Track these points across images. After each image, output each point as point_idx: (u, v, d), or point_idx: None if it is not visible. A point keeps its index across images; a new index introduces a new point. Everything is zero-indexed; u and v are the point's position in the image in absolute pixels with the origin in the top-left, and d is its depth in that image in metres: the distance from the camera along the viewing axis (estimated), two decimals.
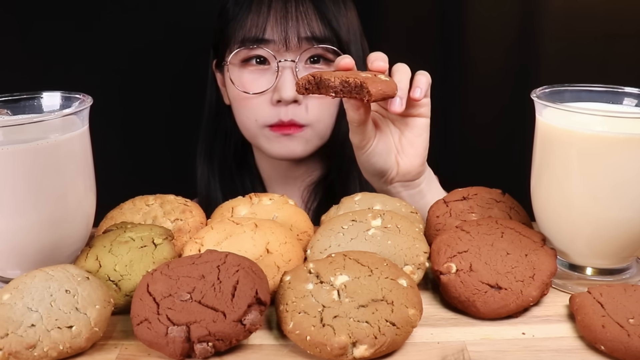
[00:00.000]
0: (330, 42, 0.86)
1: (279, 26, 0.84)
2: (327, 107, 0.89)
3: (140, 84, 1.18)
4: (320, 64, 0.88)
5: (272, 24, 0.85)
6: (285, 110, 0.86)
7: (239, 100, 0.89)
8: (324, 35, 0.86)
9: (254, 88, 0.87)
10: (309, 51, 0.86)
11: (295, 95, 0.85)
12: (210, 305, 0.46)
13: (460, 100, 1.26)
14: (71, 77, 1.13)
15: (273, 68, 0.86)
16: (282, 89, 0.85)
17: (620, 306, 0.49)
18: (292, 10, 0.85)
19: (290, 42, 0.84)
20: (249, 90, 0.87)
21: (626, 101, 0.59)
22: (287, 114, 0.86)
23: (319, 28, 0.86)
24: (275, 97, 0.86)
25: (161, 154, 1.24)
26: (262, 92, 0.86)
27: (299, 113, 0.87)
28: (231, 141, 0.99)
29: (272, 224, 0.60)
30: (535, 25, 1.20)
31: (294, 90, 0.84)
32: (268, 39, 0.85)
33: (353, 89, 0.61)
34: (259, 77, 0.87)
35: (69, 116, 0.56)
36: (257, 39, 0.85)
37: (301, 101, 0.86)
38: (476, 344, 0.49)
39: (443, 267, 0.54)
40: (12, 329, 0.46)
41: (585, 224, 0.55)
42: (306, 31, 0.85)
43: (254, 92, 0.87)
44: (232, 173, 1.00)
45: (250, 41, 0.85)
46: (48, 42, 1.15)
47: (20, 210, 0.54)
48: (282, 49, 0.85)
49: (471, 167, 1.26)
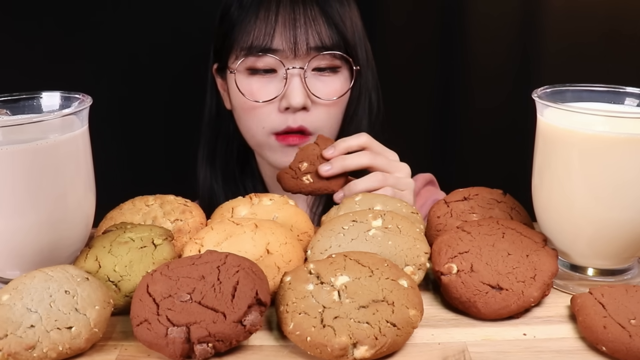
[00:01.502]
0: (338, 48, 0.86)
1: (287, 34, 0.83)
2: (334, 113, 0.89)
3: (140, 83, 1.18)
4: (328, 72, 0.87)
5: (280, 32, 0.84)
6: (293, 117, 0.86)
7: (245, 108, 0.88)
8: (332, 42, 0.85)
9: (262, 96, 0.86)
10: (316, 59, 0.85)
11: (304, 102, 0.84)
12: (210, 306, 0.46)
13: (461, 101, 1.26)
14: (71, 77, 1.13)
15: (281, 75, 0.85)
16: (291, 96, 0.84)
17: (622, 307, 0.49)
18: (300, 17, 0.84)
19: (299, 51, 0.84)
20: (257, 99, 0.86)
21: (628, 101, 0.59)
22: (295, 121, 0.85)
23: (327, 34, 0.85)
24: (283, 104, 0.85)
25: (161, 154, 1.24)
26: (270, 100, 0.86)
27: (308, 119, 0.86)
28: (233, 145, 0.98)
29: (273, 224, 0.59)
30: (537, 24, 1.20)
31: (303, 97, 0.84)
32: (276, 48, 0.84)
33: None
34: (266, 85, 0.86)
35: (68, 116, 0.56)
36: (265, 47, 0.84)
37: (310, 108, 0.86)
38: (477, 344, 0.48)
39: (444, 267, 0.54)
40: (12, 329, 0.46)
41: (586, 224, 0.55)
42: (315, 39, 0.84)
43: (262, 100, 0.86)
44: (235, 177, 0.99)
45: (258, 49, 0.84)
46: (48, 42, 1.15)
47: (19, 210, 0.53)
48: (290, 57, 0.84)
49: (472, 167, 1.26)
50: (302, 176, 0.73)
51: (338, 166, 0.72)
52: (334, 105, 0.88)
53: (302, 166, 0.73)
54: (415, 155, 1.26)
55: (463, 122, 1.27)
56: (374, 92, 0.94)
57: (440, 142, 1.29)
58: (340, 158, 0.73)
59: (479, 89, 1.24)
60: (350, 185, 0.73)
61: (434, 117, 1.28)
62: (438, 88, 1.26)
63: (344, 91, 0.88)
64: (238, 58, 0.86)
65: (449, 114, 1.27)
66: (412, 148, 1.24)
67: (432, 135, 1.29)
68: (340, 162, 0.72)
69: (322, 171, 0.72)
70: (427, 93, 1.26)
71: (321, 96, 0.86)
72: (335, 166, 0.72)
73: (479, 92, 1.24)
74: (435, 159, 1.28)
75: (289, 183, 0.73)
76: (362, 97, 0.92)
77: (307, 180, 0.72)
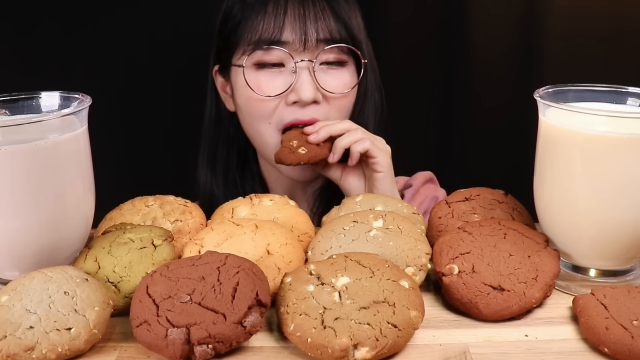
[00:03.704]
0: (345, 41, 0.86)
1: (297, 26, 0.84)
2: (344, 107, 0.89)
3: (140, 83, 1.18)
4: (335, 65, 0.87)
5: (289, 24, 0.84)
6: (302, 111, 0.86)
7: (251, 103, 0.87)
8: (340, 36, 0.86)
9: (271, 90, 0.85)
10: (325, 51, 0.85)
11: (314, 96, 0.84)
12: (211, 307, 0.46)
13: (463, 101, 1.26)
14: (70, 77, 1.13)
15: (289, 69, 0.85)
16: (301, 90, 0.84)
17: (624, 308, 0.48)
18: (310, 10, 0.84)
19: (308, 43, 0.84)
20: (266, 93, 0.85)
21: (630, 101, 0.59)
22: (304, 115, 0.86)
23: (336, 28, 0.85)
24: (291, 97, 0.85)
25: (160, 154, 1.24)
26: (280, 94, 0.85)
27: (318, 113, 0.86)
28: (234, 148, 0.98)
29: (273, 225, 0.59)
30: (539, 23, 1.19)
31: (313, 91, 0.84)
32: (285, 40, 0.84)
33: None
34: (275, 79, 0.86)
35: (67, 116, 0.56)
36: (274, 40, 0.84)
37: (320, 101, 0.86)
38: (478, 346, 0.48)
39: (445, 268, 0.54)
40: (11, 330, 0.46)
41: (588, 225, 0.54)
42: (324, 32, 0.84)
43: (271, 94, 0.85)
44: (235, 181, 0.99)
45: (266, 42, 0.84)
46: (47, 42, 1.15)
47: (18, 211, 0.53)
48: (299, 49, 0.84)
49: (473, 168, 1.26)
50: (297, 149, 0.82)
51: (324, 131, 0.82)
52: (343, 98, 0.88)
53: (293, 144, 0.82)
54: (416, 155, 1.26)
55: (464, 121, 1.27)
56: (377, 92, 0.94)
57: (442, 142, 1.29)
58: (324, 124, 0.83)
59: (480, 89, 1.24)
60: (336, 143, 0.82)
61: (435, 117, 1.28)
62: (439, 88, 1.25)
63: (353, 85, 0.88)
64: (245, 53, 0.86)
65: (451, 114, 1.27)
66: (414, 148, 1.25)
67: (433, 135, 1.29)
68: (325, 129, 0.83)
69: (311, 138, 0.82)
70: (429, 93, 1.26)
71: (331, 90, 0.86)
72: (321, 132, 0.82)
73: (480, 92, 1.24)
74: (436, 159, 1.28)
75: (289, 157, 0.81)
76: (368, 94, 0.92)
77: (303, 150, 0.81)
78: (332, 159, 0.82)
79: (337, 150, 0.82)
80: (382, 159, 0.82)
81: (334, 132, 0.82)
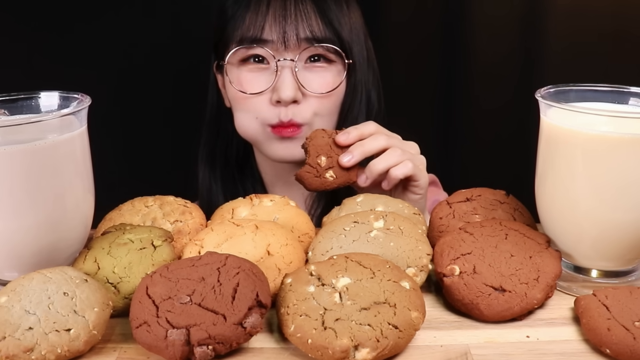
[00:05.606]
0: (330, 41, 0.85)
1: (277, 25, 0.84)
2: (326, 107, 0.88)
3: (140, 83, 1.17)
4: (321, 62, 0.87)
5: (270, 23, 0.84)
6: (285, 111, 0.85)
7: (237, 100, 0.88)
8: (324, 35, 0.85)
9: (252, 88, 0.86)
10: (308, 50, 0.85)
11: (294, 95, 0.84)
12: (211, 308, 0.46)
13: (463, 101, 1.26)
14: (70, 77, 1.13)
15: (272, 67, 0.85)
16: (281, 89, 0.84)
17: (626, 309, 0.48)
18: (291, 10, 0.84)
19: (289, 42, 0.84)
20: (246, 90, 0.86)
21: (632, 101, 0.58)
22: (286, 115, 0.85)
23: (319, 27, 0.85)
24: (274, 97, 0.85)
25: (160, 155, 1.23)
26: (260, 92, 0.85)
27: (298, 113, 0.86)
28: (233, 145, 0.98)
29: (273, 225, 0.59)
30: (540, 24, 1.19)
31: (293, 90, 0.83)
32: (266, 38, 0.84)
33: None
34: (258, 77, 0.86)
35: (67, 116, 0.56)
36: (255, 38, 0.84)
37: (300, 101, 0.86)
38: (480, 347, 0.48)
39: (446, 269, 0.53)
40: (10, 332, 0.45)
41: (590, 225, 0.54)
42: (305, 31, 0.84)
43: (251, 92, 0.86)
44: (234, 177, 0.99)
45: (248, 40, 0.85)
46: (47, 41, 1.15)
47: (17, 211, 0.53)
48: (280, 49, 0.84)
49: (475, 168, 1.26)
50: (324, 173, 0.71)
51: (358, 153, 0.71)
52: (326, 98, 0.87)
53: (321, 161, 0.71)
54: None
55: (466, 122, 1.27)
56: (374, 91, 0.94)
57: (443, 143, 1.28)
58: (358, 145, 0.72)
59: (481, 89, 1.24)
60: (371, 167, 0.72)
61: (436, 117, 1.28)
62: (440, 88, 1.25)
63: (336, 85, 0.87)
64: (230, 50, 0.87)
65: (452, 114, 1.27)
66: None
67: (434, 135, 1.29)
68: (359, 149, 0.71)
69: (343, 162, 0.71)
70: (430, 93, 1.26)
71: (312, 89, 0.85)
72: (355, 154, 0.71)
73: (481, 92, 1.24)
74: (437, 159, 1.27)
75: (314, 183, 0.71)
76: (357, 94, 0.91)
77: (331, 177, 0.70)
78: (365, 183, 0.73)
79: (371, 175, 0.72)
80: (423, 181, 0.75)
81: (370, 152, 0.72)
